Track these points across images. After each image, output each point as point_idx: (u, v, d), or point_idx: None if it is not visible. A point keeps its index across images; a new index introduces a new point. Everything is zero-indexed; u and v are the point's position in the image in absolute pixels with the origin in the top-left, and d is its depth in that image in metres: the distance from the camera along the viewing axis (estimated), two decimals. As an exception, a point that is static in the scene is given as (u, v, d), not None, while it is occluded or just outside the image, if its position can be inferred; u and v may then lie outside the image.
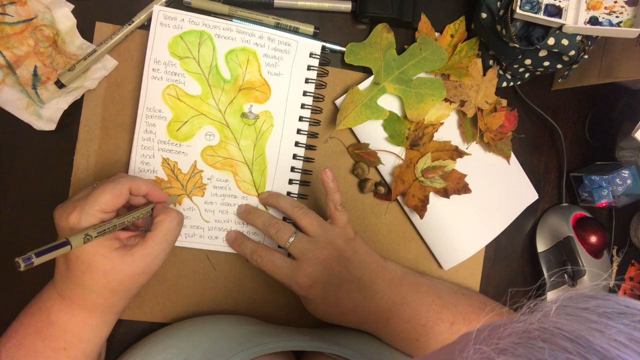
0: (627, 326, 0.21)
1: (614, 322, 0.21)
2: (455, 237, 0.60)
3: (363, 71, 0.60)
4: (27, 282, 0.54)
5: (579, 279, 0.61)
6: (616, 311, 0.22)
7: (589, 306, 0.23)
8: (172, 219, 0.47)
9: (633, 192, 0.62)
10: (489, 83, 0.59)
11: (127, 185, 0.46)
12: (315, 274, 0.50)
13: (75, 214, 0.42)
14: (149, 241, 0.45)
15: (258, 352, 0.46)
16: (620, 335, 0.21)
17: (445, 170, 0.58)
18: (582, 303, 0.23)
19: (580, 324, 0.22)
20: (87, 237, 0.41)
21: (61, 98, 0.53)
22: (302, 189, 0.59)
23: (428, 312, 0.53)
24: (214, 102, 0.55)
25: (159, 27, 0.53)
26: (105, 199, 0.43)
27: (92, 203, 0.43)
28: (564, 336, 0.21)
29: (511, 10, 0.51)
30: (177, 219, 0.47)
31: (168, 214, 0.47)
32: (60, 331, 0.45)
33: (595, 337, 0.21)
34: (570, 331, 0.21)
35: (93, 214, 0.43)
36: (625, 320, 0.22)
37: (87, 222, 0.42)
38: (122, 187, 0.45)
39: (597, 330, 0.21)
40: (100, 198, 0.43)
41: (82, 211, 0.42)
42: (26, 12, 0.53)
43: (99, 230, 0.42)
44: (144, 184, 0.47)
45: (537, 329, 0.22)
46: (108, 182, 0.45)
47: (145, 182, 0.48)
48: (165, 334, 0.51)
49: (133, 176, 0.48)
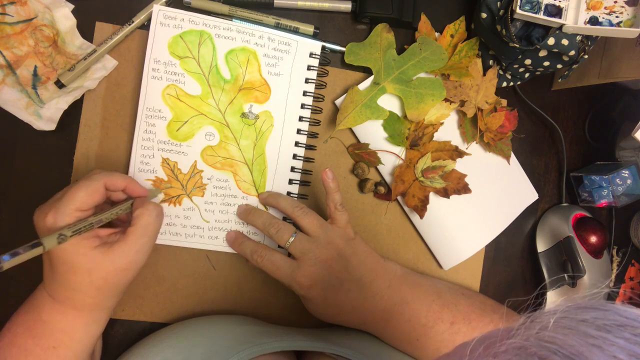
0: (627, 341, 0.21)
1: (614, 337, 0.21)
2: (455, 237, 0.60)
3: (363, 71, 0.60)
4: (26, 282, 0.54)
5: (579, 279, 0.61)
6: (616, 323, 0.22)
7: (587, 318, 0.22)
8: (150, 212, 0.46)
9: (633, 192, 0.62)
10: (489, 83, 0.59)
11: (102, 181, 0.45)
12: (316, 273, 0.50)
13: (51, 214, 0.42)
14: (129, 236, 0.44)
15: (258, 351, 0.46)
16: (621, 353, 0.20)
17: (445, 170, 0.58)
18: (581, 314, 0.23)
19: (579, 338, 0.21)
20: (62, 237, 0.41)
21: (61, 98, 0.53)
22: (302, 189, 0.59)
23: (428, 312, 0.53)
24: (214, 102, 0.55)
25: (159, 27, 0.53)
26: (80, 197, 0.43)
27: (67, 202, 0.43)
28: (562, 354, 0.20)
29: (511, 10, 0.51)
30: (155, 211, 0.46)
31: (146, 207, 0.46)
32: (51, 330, 0.45)
33: (594, 354, 0.20)
34: (568, 347, 0.21)
35: (69, 213, 0.42)
36: (626, 334, 0.21)
37: (62, 221, 0.42)
38: (97, 184, 0.44)
39: (596, 346, 0.20)
40: (75, 196, 0.43)
41: (58, 211, 0.42)
42: (26, 12, 0.53)
43: (74, 229, 0.42)
44: (120, 179, 0.47)
45: (534, 344, 0.22)
46: (83, 179, 0.45)
47: (121, 176, 0.47)
48: (165, 334, 0.51)
49: (109, 172, 0.47)
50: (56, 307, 0.45)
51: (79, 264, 0.43)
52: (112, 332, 0.56)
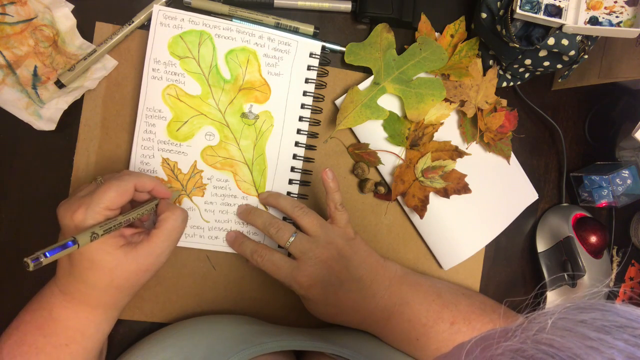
0: (627, 342, 0.20)
1: (613, 338, 0.20)
2: (455, 237, 0.60)
3: (363, 71, 0.60)
4: (29, 281, 0.54)
5: (579, 279, 0.61)
6: (616, 324, 0.21)
7: (586, 318, 0.22)
8: (177, 217, 0.46)
9: (633, 192, 0.62)
10: (489, 83, 0.59)
11: (133, 182, 0.45)
12: (316, 273, 0.50)
13: (81, 211, 0.42)
14: (154, 238, 0.45)
15: (258, 351, 0.46)
16: (619, 355, 0.19)
17: (445, 170, 0.58)
18: (580, 315, 0.22)
19: (577, 340, 0.20)
20: (94, 235, 0.41)
21: (61, 98, 0.53)
22: (302, 188, 0.59)
23: (428, 311, 0.53)
24: (214, 102, 0.55)
25: (159, 27, 0.53)
26: (110, 197, 0.43)
27: (98, 201, 0.43)
28: (559, 357, 0.20)
29: (511, 10, 0.51)
30: (182, 216, 0.47)
31: (173, 211, 0.47)
32: (62, 327, 0.45)
33: (592, 356, 0.19)
34: (565, 350, 0.20)
35: (99, 211, 0.43)
36: (625, 335, 0.20)
37: (92, 219, 0.42)
38: (128, 185, 0.45)
39: (594, 348, 0.20)
40: (105, 196, 0.43)
41: (88, 209, 0.42)
42: (26, 12, 0.53)
43: (105, 228, 0.42)
44: (149, 181, 0.47)
45: (530, 347, 0.21)
46: (113, 179, 0.45)
47: (150, 178, 0.48)
48: (166, 333, 0.51)
49: (138, 173, 0.48)
50: (68, 304, 0.45)
51: (102, 262, 0.43)
52: (113, 332, 0.56)
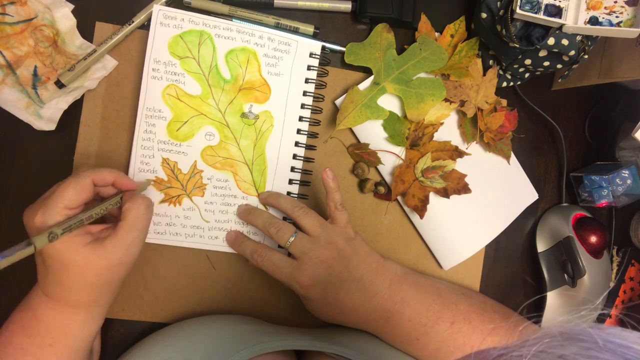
0: None
1: None
2: (455, 237, 0.60)
3: (363, 71, 0.60)
4: (20, 283, 0.54)
5: (579, 279, 0.62)
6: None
7: (567, 354, 0.20)
8: (139, 206, 0.46)
9: (633, 192, 0.62)
10: (489, 83, 0.59)
11: (90, 177, 0.45)
12: (316, 273, 0.50)
13: (40, 213, 0.42)
14: (119, 231, 0.44)
15: (258, 350, 0.46)
16: None
17: (445, 170, 0.58)
18: (560, 348, 0.21)
19: None
20: (52, 235, 0.40)
21: (61, 98, 0.53)
22: (302, 188, 0.59)
23: (428, 311, 0.53)
24: (214, 102, 0.55)
25: (159, 27, 0.53)
26: (68, 195, 0.43)
27: (56, 200, 0.42)
28: None
29: (511, 10, 0.51)
30: (144, 204, 0.46)
31: (134, 201, 0.46)
32: (46, 328, 0.45)
33: None
34: None
35: (58, 211, 0.42)
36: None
37: (52, 220, 0.42)
38: (85, 180, 0.44)
39: None
40: (63, 194, 0.43)
41: (47, 210, 0.42)
42: (26, 12, 0.53)
43: (65, 226, 0.42)
44: (108, 173, 0.47)
45: None
46: (70, 177, 0.45)
47: (109, 171, 0.47)
48: (166, 333, 0.51)
49: (96, 168, 0.47)
50: (51, 305, 0.45)
51: (72, 262, 0.42)
52: (112, 332, 0.56)
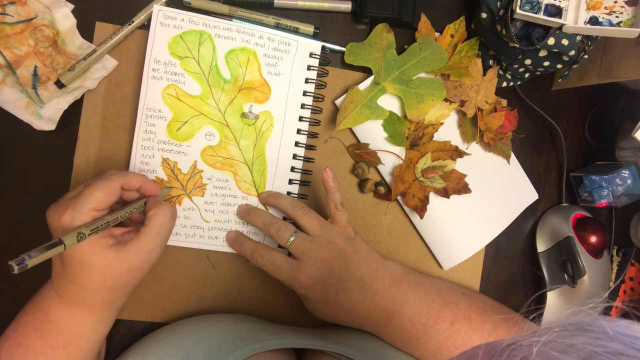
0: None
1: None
2: (455, 237, 0.60)
3: (363, 71, 0.60)
4: (28, 282, 0.54)
5: (579, 279, 0.61)
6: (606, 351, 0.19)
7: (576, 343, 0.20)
8: (165, 212, 0.46)
9: (633, 192, 0.62)
10: (489, 83, 0.59)
11: (119, 181, 0.45)
12: (316, 273, 0.50)
13: (68, 213, 0.42)
14: (143, 236, 0.45)
15: (258, 348, 0.46)
16: None
17: (445, 170, 0.58)
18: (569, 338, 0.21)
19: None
20: (81, 236, 0.41)
21: (61, 98, 0.53)
22: (302, 188, 0.59)
23: (429, 311, 0.53)
24: (214, 102, 0.55)
25: (159, 27, 0.53)
26: (97, 197, 0.43)
27: (84, 201, 0.43)
28: None
29: (511, 10, 0.51)
30: (170, 211, 0.47)
31: (160, 207, 0.46)
32: (59, 329, 0.45)
33: None
34: None
35: (85, 212, 0.43)
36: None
37: (79, 220, 0.42)
38: (114, 184, 0.45)
39: None
40: (92, 196, 0.43)
41: (75, 210, 0.42)
42: (26, 12, 0.53)
43: (92, 228, 0.42)
44: (136, 179, 0.47)
45: None
46: (99, 179, 0.45)
47: (136, 176, 0.48)
48: (166, 332, 0.51)
49: (124, 171, 0.48)
50: (64, 306, 0.45)
51: (93, 263, 0.43)
52: (112, 331, 0.56)
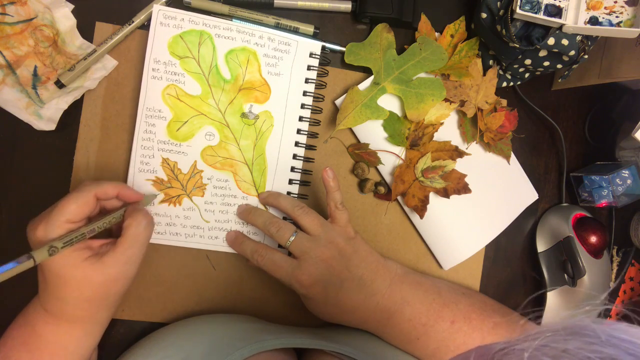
0: None
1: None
2: (455, 237, 0.60)
3: (363, 71, 0.60)
4: (27, 283, 0.54)
5: (579, 279, 0.61)
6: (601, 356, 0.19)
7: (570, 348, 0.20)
8: (139, 223, 0.45)
9: (633, 192, 0.62)
10: (489, 83, 0.59)
11: (93, 191, 0.45)
12: (316, 272, 0.50)
13: (41, 227, 0.42)
14: (118, 247, 0.44)
15: (258, 348, 0.46)
16: None
17: (445, 170, 0.58)
18: (563, 343, 0.20)
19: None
20: (53, 249, 0.40)
21: (61, 98, 0.53)
22: (302, 188, 0.59)
23: (429, 311, 0.53)
24: (214, 102, 0.55)
25: (159, 27, 0.53)
26: (70, 209, 0.43)
27: (57, 214, 0.42)
28: None
29: (511, 10, 0.51)
30: (145, 221, 0.46)
31: (134, 217, 0.46)
32: (45, 343, 0.45)
33: None
34: None
35: (59, 225, 0.42)
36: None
37: (53, 233, 0.42)
38: (87, 195, 0.44)
39: None
40: (64, 209, 0.43)
41: (48, 223, 0.42)
42: (26, 12, 0.53)
43: (65, 240, 0.41)
44: (111, 187, 0.47)
45: None
46: (73, 191, 0.45)
47: (112, 184, 0.47)
48: (166, 332, 0.51)
49: (98, 181, 0.47)
50: (50, 320, 0.45)
51: (70, 276, 0.42)
52: (112, 332, 0.56)
